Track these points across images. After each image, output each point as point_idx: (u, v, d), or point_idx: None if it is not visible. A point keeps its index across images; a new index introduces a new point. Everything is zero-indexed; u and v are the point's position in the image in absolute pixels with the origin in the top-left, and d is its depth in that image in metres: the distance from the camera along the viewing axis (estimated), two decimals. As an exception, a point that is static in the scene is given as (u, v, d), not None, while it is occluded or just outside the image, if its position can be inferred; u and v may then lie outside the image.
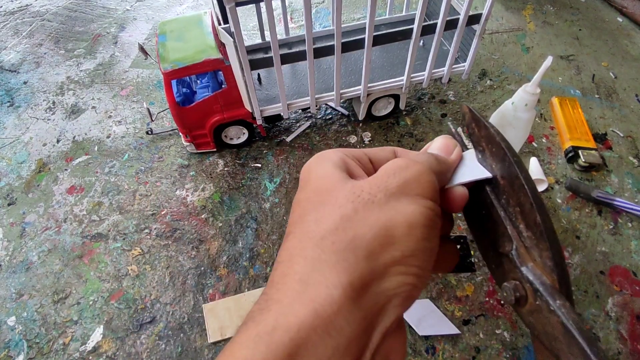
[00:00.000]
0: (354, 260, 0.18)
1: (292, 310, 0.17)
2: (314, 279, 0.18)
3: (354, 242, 0.19)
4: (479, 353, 0.53)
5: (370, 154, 0.26)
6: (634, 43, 0.96)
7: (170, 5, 1.12)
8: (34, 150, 0.79)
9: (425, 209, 0.20)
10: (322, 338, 0.17)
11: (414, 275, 0.19)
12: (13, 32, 1.06)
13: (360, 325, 0.18)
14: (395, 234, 0.19)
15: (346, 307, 0.17)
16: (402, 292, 0.19)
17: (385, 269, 0.19)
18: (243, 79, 0.62)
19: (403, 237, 0.19)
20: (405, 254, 0.19)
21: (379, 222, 0.19)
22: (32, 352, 0.55)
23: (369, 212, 0.20)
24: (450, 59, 0.71)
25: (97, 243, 0.65)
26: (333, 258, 0.19)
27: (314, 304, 0.17)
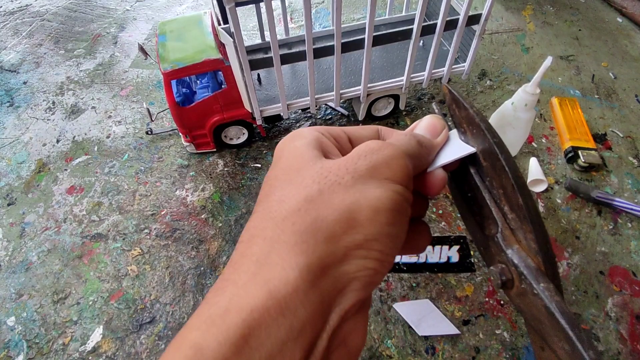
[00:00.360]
0: (313, 243, 0.18)
1: (246, 291, 0.17)
2: (270, 260, 0.18)
3: (315, 224, 0.18)
4: (478, 353, 0.53)
5: (350, 133, 0.26)
6: (634, 43, 0.96)
7: (170, 6, 1.12)
8: (34, 150, 0.79)
9: (393, 193, 0.20)
10: (275, 320, 0.16)
11: (375, 259, 0.19)
12: (13, 32, 1.06)
13: (317, 308, 0.17)
14: (358, 218, 0.19)
15: (302, 289, 0.17)
16: (362, 277, 0.19)
17: (345, 252, 0.19)
18: (243, 79, 0.62)
19: (366, 221, 0.19)
20: (368, 238, 0.19)
21: (343, 205, 0.19)
22: (32, 352, 0.55)
23: (334, 194, 0.19)
24: (450, 59, 0.71)
25: (96, 243, 0.65)
26: (292, 239, 0.18)
27: (269, 285, 0.17)
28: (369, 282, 0.19)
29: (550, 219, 0.66)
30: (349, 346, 0.19)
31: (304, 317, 0.17)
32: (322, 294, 0.18)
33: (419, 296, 0.57)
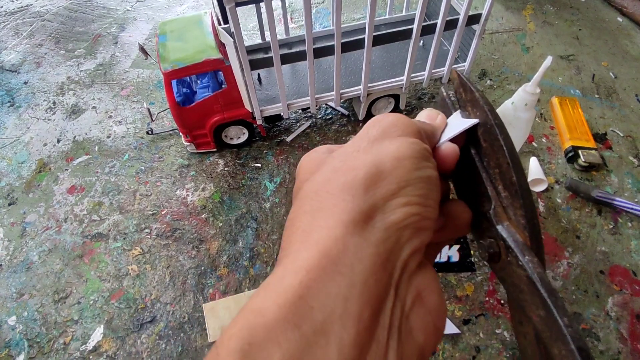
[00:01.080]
0: (350, 199, 0.19)
1: (298, 256, 0.17)
2: (315, 226, 0.18)
3: (347, 184, 0.19)
4: (479, 352, 0.53)
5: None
6: (634, 43, 0.96)
7: (170, 6, 1.12)
8: (35, 150, 0.79)
9: (409, 143, 0.21)
10: (332, 277, 0.17)
11: (416, 204, 0.19)
12: (14, 33, 1.06)
13: (374, 261, 0.17)
14: (384, 169, 0.19)
15: (352, 243, 0.17)
16: (410, 224, 0.19)
17: (384, 202, 0.19)
18: (243, 79, 0.62)
19: (393, 169, 0.20)
20: (401, 184, 0.19)
21: (367, 162, 0.20)
22: (33, 351, 0.55)
23: (355, 159, 0.20)
24: (450, 58, 0.71)
25: (97, 243, 0.66)
26: (330, 202, 0.19)
27: (318, 245, 0.17)
28: (418, 228, 0.19)
29: (551, 218, 0.66)
30: (427, 305, 0.19)
31: (363, 271, 0.17)
32: (376, 246, 0.18)
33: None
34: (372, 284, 0.17)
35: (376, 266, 0.17)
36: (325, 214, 0.19)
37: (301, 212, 0.20)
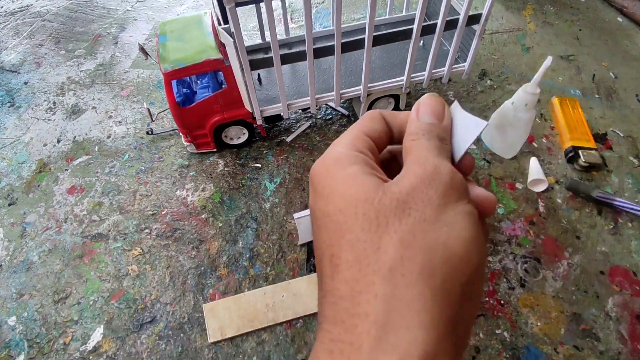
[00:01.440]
0: (430, 295, 0.17)
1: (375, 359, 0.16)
2: (392, 321, 0.17)
3: (424, 272, 0.17)
4: (479, 353, 0.53)
5: (369, 132, 0.25)
6: (634, 43, 0.96)
7: (170, 6, 1.12)
8: (35, 150, 0.79)
9: (469, 215, 0.20)
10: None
11: (479, 296, 0.19)
12: (14, 33, 1.06)
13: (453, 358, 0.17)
14: (456, 253, 0.18)
15: (433, 349, 0.16)
16: (472, 319, 0.19)
17: (459, 298, 0.18)
18: (243, 79, 0.62)
19: (464, 256, 0.18)
20: (468, 275, 0.18)
21: (439, 243, 0.18)
22: (33, 351, 0.55)
23: (425, 233, 0.18)
24: (450, 59, 0.71)
25: (97, 243, 0.66)
26: (408, 294, 0.17)
27: (399, 350, 0.16)
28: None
29: (551, 218, 0.66)
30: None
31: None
32: (456, 345, 0.17)
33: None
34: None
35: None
36: (403, 308, 0.17)
37: (368, 286, 0.18)
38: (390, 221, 0.19)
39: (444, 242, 0.18)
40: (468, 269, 0.18)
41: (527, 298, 0.57)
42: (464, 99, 0.84)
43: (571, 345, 0.53)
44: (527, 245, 0.62)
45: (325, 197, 0.21)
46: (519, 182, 0.70)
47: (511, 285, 0.58)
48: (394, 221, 0.19)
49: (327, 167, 0.22)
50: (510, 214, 0.66)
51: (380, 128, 0.26)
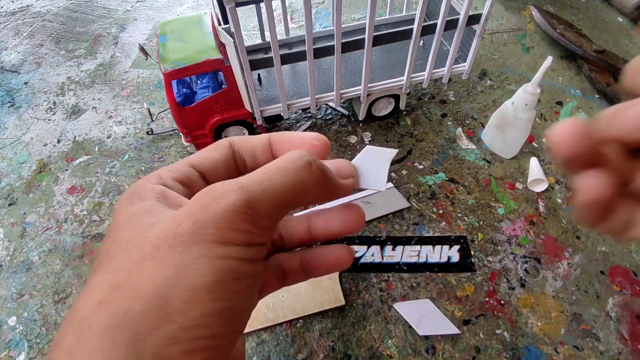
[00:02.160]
0: (110, 348, 0.14)
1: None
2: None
3: (116, 321, 0.15)
4: (479, 353, 0.53)
5: (196, 162, 0.23)
6: (634, 43, 0.96)
7: (170, 6, 1.12)
8: (35, 150, 0.79)
9: (219, 260, 0.16)
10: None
11: (202, 349, 0.15)
12: (14, 33, 1.06)
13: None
14: (172, 302, 0.15)
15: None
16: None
17: (157, 352, 0.15)
18: (243, 79, 0.62)
19: (182, 304, 0.15)
20: (185, 326, 0.15)
21: (151, 289, 0.15)
22: (33, 352, 0.55)
23: (144, 273, 0.16)
24: (450, 59, 0.71)
25: (97, 243, 0.66)
26: (87, 348, 0.14)
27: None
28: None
29: (551, 218, 0.66)
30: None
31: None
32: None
33: (420, 296, 0.57)
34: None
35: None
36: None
37: (63, 336, 0.15)
38: (116, 258, 0.17)
39: (159, 286, 0.16)
40: (182, 322, 0.15)
41: (527, 298, 0.57)
42: (464, 99, 0.84)
43: (571, 346, 0.53)
44: (527, 245, 0.62)
45: (106, 235, 0.20)
46: (519, 182, 0.70)
47: (511, 285, 0.58)
48: (121, 262, 0.17)
49: (121, 204, 0.20)
50: (510, 214, 0.66)
51: (218, 156, 0.24)
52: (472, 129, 0.78)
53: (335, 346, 0.53)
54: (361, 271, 0.59)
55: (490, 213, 0.66)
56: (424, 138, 0.77)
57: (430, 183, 0.70)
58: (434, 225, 0.65)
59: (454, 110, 0.82)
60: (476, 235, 0.63)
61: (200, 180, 0.23)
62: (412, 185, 0.70)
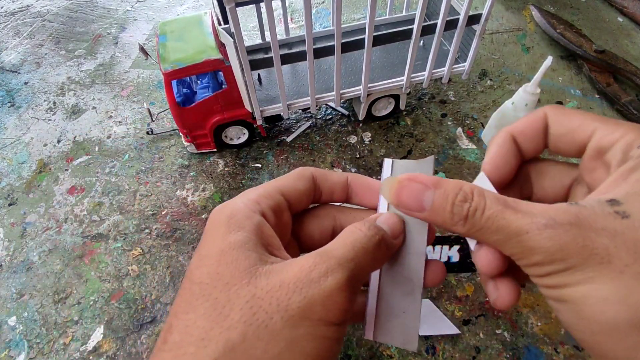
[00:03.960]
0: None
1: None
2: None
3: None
4: (479, 353, 0.53)
5: (286, 190, 0.24)
6: (634, 43, 0.96)
7: (170, 6, 1.12)
8: (35, 150, 0.79)
9: (322, 340, 0.18)
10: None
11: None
12: (14, 33, 1.06)
13: None
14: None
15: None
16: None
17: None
18: (243, 79, 0.62)
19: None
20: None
21: (263, 359, 0.17)
22: (33, 352, 0.55)
23: (258, 341, 0.17)
24: (450, 59, 0.71)
25: (97, 243, 0.66)
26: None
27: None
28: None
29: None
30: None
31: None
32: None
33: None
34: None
35: None
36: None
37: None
38: (232, 315, 0.18)
39: (271, 358, 0.17)
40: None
41: (527, 298, 0.57)
42: (464, 99, 0.84)
43: (571, 345, 0.53)
44: (527, 245, 0.62)
45: (200, 257, 0.20)
46: (519, 182, 0.70)
47: (511, 285, 0.58)
48: (235, 316, 0.18)
49: (219, 222, 0.21)
50: (511, 214, 0.66)
51: (303, 188, 0.25)
52: (472, 129, 0.78)
53: (335, 346, 0.53)
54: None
55: (490, 213, 0.66)
56: (424, 138, 0.77)
57: (430, 183, 0.70)
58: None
59: (454, 110, 0.82)
60: (476, 235, 0.63)
61: (286, 208, 0.24)
62: (412, 185, 0.70)
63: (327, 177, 0.26)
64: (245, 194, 0.23)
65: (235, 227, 0.20)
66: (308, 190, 0.25)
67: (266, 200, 0.23)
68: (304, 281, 0.18)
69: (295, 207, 0.25)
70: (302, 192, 0.25)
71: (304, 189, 0.25)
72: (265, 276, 0.19)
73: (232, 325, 0.17)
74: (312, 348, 0.17)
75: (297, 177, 0.25)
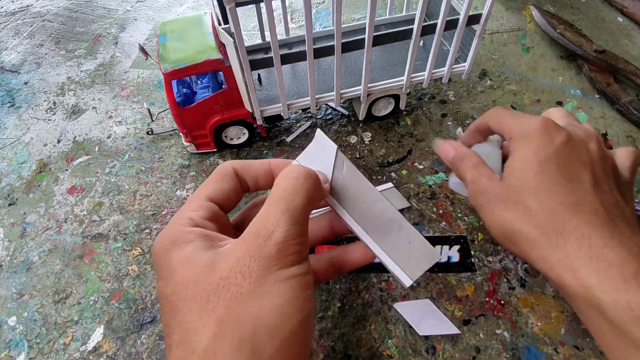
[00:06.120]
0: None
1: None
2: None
3: (234, 347, 0.19)
4: (479, 353, 0.53)
5: (213, 195, 0.26)
6: (634, 43, 0.96)
7: (170, 6, 1.12)
8: (35, 150, 0.79)
9: (289, 280, 0.21)
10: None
11: (297, 351, 0.20)
12: (14, 33, 1.06)
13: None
14: (268, 323, 0.20)
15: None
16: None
17: (271, 355, 0.20)
18: (243, 79, 0.62)
19: (279, 322, 0.20)
20: (284, 337, 0.20)
21: (250, 316, 0.20)
22: (33, 352, 0.55)
23: (240, 307, 0.20)
24: (450, 59, 0.71)
25: (97, 243, 0.66)
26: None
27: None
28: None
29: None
30: None
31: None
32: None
33: (420, 296, 0.57)
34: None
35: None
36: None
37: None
38: (211, 299, 0.20)
39: (256, 313, 0.20)
40: (283, 332, 0.20)
41: (527, 298, 0.57)
42: (464, 99, 0.84)
43: (571, 346, 0.53)
44: (527, 245, 0.62)
45: (164, 279, 0.23)
46: (519, 182, 0.70)
47: (511, 285, 0.58)
48: (213, 299, 0.20)
49: (165, 249, 0.23)
50: (511, 214, 0.66)
51: (228, 187, 0.27)
52: (472, 129, 0.78)
53: (335, 346, 0.54)
54: (361, 271, 0.59)
55: (490, 213, 0.66)
56: (424, 138, 0.77)
57: (430, 183, 0.70)
58: (434, 225, 0.65)
59: (454, 110, 0.82)
60: (476, 235, 0.63)
61: (220, 211, 0.26)
62: (412, 185, 0.70)
63: (248, 168, 0.28)
64: (178, 216, 0.25)
65: (182, 243, 0.23)
66: (234, 187, 0.27)
67: (197, 213, 0.25)
68: (254, 249, 0.21)
69: (227, 207, 0.27)
70: (229, 191, 0.27)
71: (229, 187, 0.27)
72: (225, 260, 0.21)
73: (213, 308, 0.20)
74: (285, 288, 0.20)
75: (220, 178, 0.27)
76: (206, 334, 0.19)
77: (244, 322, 0.20)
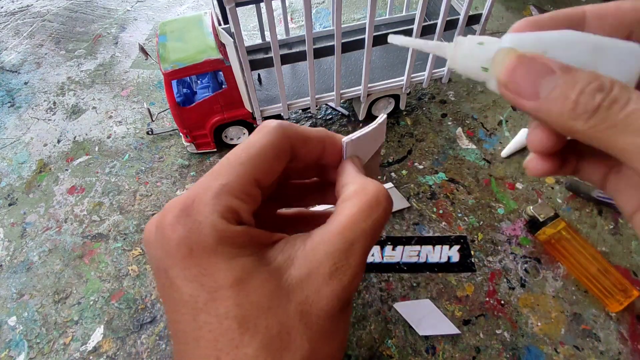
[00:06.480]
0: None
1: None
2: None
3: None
4: (479, 353, 0.53)
5: (262, 176, 0.20)
6: (635, 43, 0.96)
7: (170, 6, 1.12)
8: (35, 150, 0.79)
9: (348, 320, 0.21)
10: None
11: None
12: (14, 33, 1.06)
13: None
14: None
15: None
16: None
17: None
18: (243, 79, 0.62)
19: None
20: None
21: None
22: (33, 352, 0.55)
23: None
24: (450, 59, 0.71)
25: (97, 243, 0.66)
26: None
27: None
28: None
29: (551, 218, 0.66)
30: None
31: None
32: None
33: (420, 296, 0.57)
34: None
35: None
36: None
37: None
38: (292, 333, 0.17)
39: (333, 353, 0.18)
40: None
41: (527, 298, 0.57)
42: (464, 99, 0.84)
43: (571, 346, 0.53)
44: (527, 245, 0.62)
45: (209, 292, 0.17)
46: (519, 182, 0.70)
47: (511, 285, 0.58)
48: (295, 333, 0.17)
49: (208, 249, 0.17)
50: (511, 214, 0.66)
51: (280, 169, 0.20)
52: (472, 129, 0.78)
53: (335, 346, 0.53)
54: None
55: (490, 213, 0.66)
56: (424, 138, 0.77)
57: (431, 183, 0.70)
58: (434, 225, 0.65)
59: (454, 110, 0.82)
60: (476, 235, 0.63)
61: (257, 202, 0.20)
62: (412, 185, 0.70)
63: (306, 142, 0.21)
64: (216, 196, 0.18)
65: (233, 249, 0.18)
66: (281, 170, 0.20)
67: (246, 206, 0.18)
68: (319, 283, 0.18)
69: (267, 186, 0.20)
70: (277, 174, 0.20)
71: (280, 169, 0.20)
72: (286, 297, 0.17)
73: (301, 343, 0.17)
74: (346, 327, 0.19)
75: (275, 156, 0.20)
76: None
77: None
